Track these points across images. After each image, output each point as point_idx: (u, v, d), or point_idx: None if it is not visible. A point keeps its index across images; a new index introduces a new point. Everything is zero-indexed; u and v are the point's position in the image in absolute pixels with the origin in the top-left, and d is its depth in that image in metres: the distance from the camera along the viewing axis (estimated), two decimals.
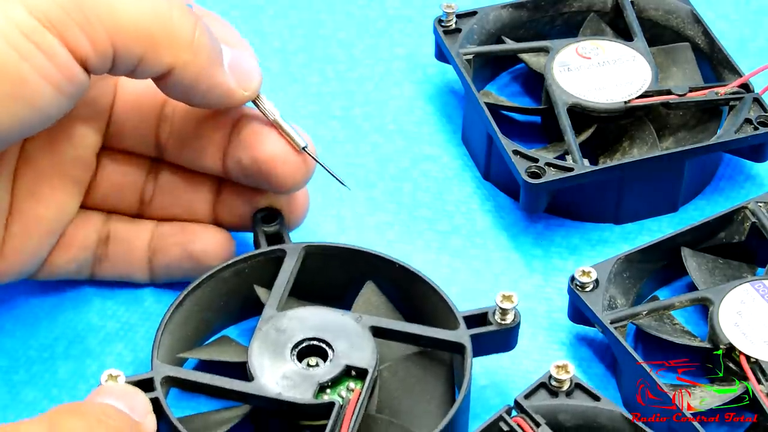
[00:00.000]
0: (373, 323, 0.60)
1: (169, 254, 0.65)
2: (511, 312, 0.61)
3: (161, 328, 0.60)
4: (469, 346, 0.60)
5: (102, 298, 0.67)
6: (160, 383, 0.58)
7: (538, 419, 0.56)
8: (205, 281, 0.62)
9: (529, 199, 0.67)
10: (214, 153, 0.64)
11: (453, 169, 0.74)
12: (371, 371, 0.58)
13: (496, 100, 0.75)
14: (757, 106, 0.71)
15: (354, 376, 0.59)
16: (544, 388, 0.58)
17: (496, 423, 0.56)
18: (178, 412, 0.59)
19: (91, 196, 0.65)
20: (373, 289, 0.64)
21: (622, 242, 0.70)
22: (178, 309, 0.61)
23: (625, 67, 0.73)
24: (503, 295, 0.60)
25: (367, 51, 0.80)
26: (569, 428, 0.57)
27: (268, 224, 0.65)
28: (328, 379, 0.58)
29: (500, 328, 0.61)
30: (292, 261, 0.63)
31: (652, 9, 0.77)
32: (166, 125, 0.64)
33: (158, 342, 0.59)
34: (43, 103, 0.56)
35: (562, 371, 0.58)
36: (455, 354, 0.61)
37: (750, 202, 0.67)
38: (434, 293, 0.62)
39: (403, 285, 0.63)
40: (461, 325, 0.60)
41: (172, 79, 0.59)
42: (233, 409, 0.59)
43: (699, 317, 0.66)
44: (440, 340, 0.60)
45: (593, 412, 0.57)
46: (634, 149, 0.71)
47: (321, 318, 0.61)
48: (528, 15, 0.77)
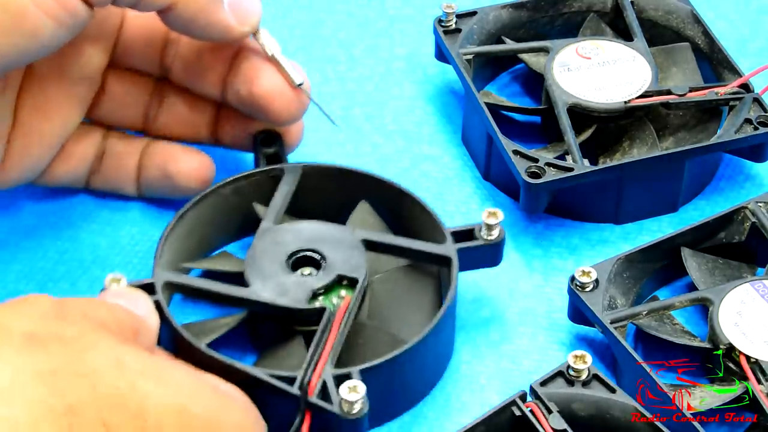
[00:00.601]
0: (365, 236, 0.63)
1: (150, 172, 0.68)
2: (497, 228, 0.63)
3: (163, 239, 0.63)
4: (455, 259, 0.63)
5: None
6: (161, 288, 0.60)
7: (551, 406, 0.56)
8: (206, 197, 0.65)
9: (529, 199, 0.67)
10: (214, 81, 0.66)
11: (453, 169, 0.74)
12: (362, 280, 0.61)
13: (496, 100, 0.75)
14: (757, 106, 0.71)
15: (345, 284, 0.62)
16: (561, 376, 0.58)
17: (509, 407, 0.56)
18: (178, 320, 0.61)
19: (95, 111, 0.68)
20: (366, 207, 0.66)
21: (622, 242, 0.70)
22: (179, 222, 0.64)
23: (625, 67, 0.73)
24: (489, 212, 0.63)
25: (367, 51, 0.80)
26: (582, 417, 0.57)
27: (268, 146, 0.67)
28: (320, 287, 0.61)
29: (486, 243, 0.64)
30: (290, 178, 0.66)
31: (652, 9, 0.77)
32: (171, 48, 0.67)
33: (160, 251, 0.62)
34: (43, 34, 0.58)
35: (579, 361, 0.58)
36: (442, 267, 0.64)
37: (750, 202, 0.67)
38: (423, 210, 0.65)
39: (394, 204, 0.66)
40: (448, 240, 0.63)
41: (173, 14, 0.62)
42: (230, 317, 0.62)
43: (699, 317, 0.66)
44: (428, 253, 0.63)
45: (607, 403, 0.57)
46: (634, 149, 0.71)
47: (315, 231, 0.64)
48: (528, 15, 0.77)
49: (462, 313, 0.65)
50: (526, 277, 0.68)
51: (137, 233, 0.69)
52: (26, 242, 0.69)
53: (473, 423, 0.56)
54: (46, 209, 0.70)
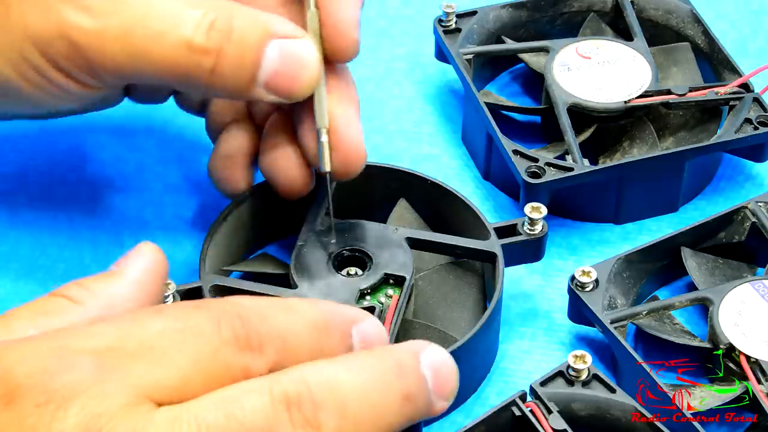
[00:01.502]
0: (409, 234, 0.63)
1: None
2: (540, 222, 0.64)
3: (207, 241, 0.63)
4: (500, 255, 0.63)
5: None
6: (208, 291, 0.61)
7: (551, 406, 0.56)
8: (248, 198, 0.65)
9: (529, 199, 0.67)
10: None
11: (453, 169, 0.74)
12: (408, 278, 0.61)
13: (496, 100, 0.75)
14: (757, 106, 0.71)
15: (392, 283, 0.62)
16: (561, 376, 0.58)
17: (509, 407, 0.56)
18: None
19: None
20: (405, 205, 0.67)
21: (622, 242, 0.70)
22: (222, 224, 0.64)
23: (625, 67, 0.73)
24: (532, 206, 0.64)
25: (367, 51, 0.80)
26: (582, 417, 0.57)
27: None
28: (367, 286, 0.61)
29: (529, 237, 0.64)
30: (332, 177, 0.63)
31: (652, 9, 0.77)
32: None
33: (205, 254, 0.62)
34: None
35: (579, 361, 0.58)
36: (486, 264, 0.64)
37: (750, 202, 0.67)
38: (465, 207, 0.65)
39: (433, 201, 0.66)
40: (492, 236, 0.63)
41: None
42: None
43: (699, 317, 0.66)
44: (473, 249, 0.63)
45: (607, 403, 0.57)
46: (634, 149, 0.71)
47: (360, 230, 0.63)
48: (528, 15, 0.77)
49: None
50: (526, 277, 0.68)
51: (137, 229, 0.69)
52: (25, 239, 0.69)
53: (473, 423, 0.56)
54: (45, 206, 0.70)
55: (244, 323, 0.46)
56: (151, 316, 0.46)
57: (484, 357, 0.63)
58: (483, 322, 0.60)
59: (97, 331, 0.44)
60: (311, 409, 0.44)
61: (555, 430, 0.55)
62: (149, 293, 0.49)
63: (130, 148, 0.73)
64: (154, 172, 0.72)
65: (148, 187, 0.72)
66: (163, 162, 0.73)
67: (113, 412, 0.42)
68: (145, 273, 0.49)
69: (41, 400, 0.41)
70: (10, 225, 0.69)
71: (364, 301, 0.61)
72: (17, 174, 0.72)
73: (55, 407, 0.41)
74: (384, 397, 0.47)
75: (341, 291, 0.61)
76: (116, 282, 0.49)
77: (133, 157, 0.73)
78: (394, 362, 0.48)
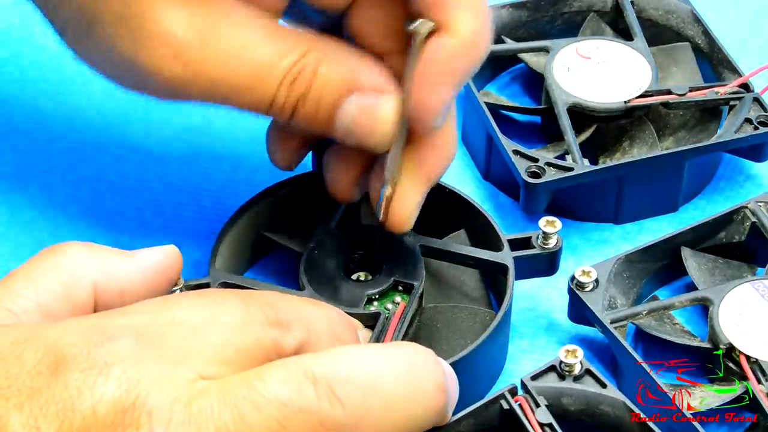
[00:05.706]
0: (422, 242, 0.63)
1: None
2: (554, 236, 0.63)
3: (219, 239, 0.63)
4: (512, 267, 0.62)
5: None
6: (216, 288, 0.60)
7: (539, 400, 0.56)
8: (263, 197, 0.65)
9: (529, 199, 0.67)
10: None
11: (453, 169, 0.73)
12: (417, 286, 0.61)
13: (496, 100, 0.75)
14: (757, 106, 0.71)
15: (401, 290, 0.61)
16: (553, 371, 0.58)
17: (497, 400, 0.56)
18: None
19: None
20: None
21: (622, 242, 0.70)
22: (236, 222, 0.64)
23: (625, 67, 0.73)
24: (546, 220, 0.63)
25: None
26: (572, 412, 0.57)
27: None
28: (375, 291, 0.61)
29: (542, 251, 0.63)
30: None
31: (652, 9, 0.77)
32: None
33: (216, 251, 0.62)
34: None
35: (570, 355, 0.58)
36: (498, 275, 0.63)
37: (750, 202, 0.67)
38: (480, 216, 0.65)
39: (447, 209, 0.66)
40: (505, 247, 0.63)
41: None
42: None
43: (699, 317, 0.66)
44: (485, 260, 0.63)
45: (597, 398, 0.57)
46: (634, 149, 0.71)
47: (371, 236, 0.63)
48: (528, 15, 0.77)
49: None
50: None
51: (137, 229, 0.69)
52: (25, 239, 0.69)
53: (461, 414, 0.55)
54: (44, 205, 0.70)
55: (272, 305, 0.49)
56: (182, 297, 0.49)
57: (490, 367, 0.63)
58: (488, 333, 0.60)
59: (134, 310, 0.48)
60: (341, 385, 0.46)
61: (541, 423, 0.55)
62: (155, 281, 0.54)
63: (130, 148, 0.73)
64: (154, 172, 0.72)
65: (148, 187, 0.72)
66: (163, 162, 0.73)
67: (152, 378, 0.45)
68: (155, 263, 0.54)
69: (85, 366, 0.45)
70: (10, 225, 0.69)
71: (371, 306, 0.61)
72: (17, 174, 0.72)
73: (98, 371, 0.44)
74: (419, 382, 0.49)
75: (349, 294, 0.61)
76: (124, 260, 0.53)
77: (133, 157, 0.73)
78: (425, 351, 0.50)
